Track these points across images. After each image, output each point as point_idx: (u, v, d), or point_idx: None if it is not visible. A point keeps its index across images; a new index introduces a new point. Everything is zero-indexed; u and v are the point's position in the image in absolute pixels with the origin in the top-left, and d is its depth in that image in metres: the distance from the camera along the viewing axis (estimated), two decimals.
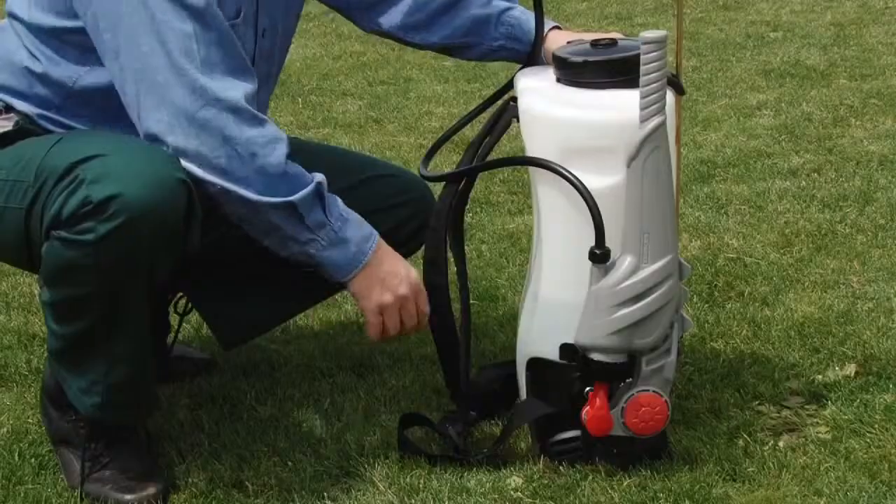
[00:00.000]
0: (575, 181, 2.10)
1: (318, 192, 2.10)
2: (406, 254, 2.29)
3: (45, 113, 2.20)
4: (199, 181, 2.05)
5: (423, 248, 2.30)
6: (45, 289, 2.09)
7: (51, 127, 2.20)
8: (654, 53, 2.02)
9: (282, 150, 2.07)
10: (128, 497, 2.18)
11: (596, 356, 2.16)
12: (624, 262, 2.12)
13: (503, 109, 2.27)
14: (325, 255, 2.12)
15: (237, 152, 2.04)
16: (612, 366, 2.16)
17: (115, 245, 1.99)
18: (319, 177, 2.11)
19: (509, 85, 2.33)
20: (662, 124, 2.07)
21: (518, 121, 2.23)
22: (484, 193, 3.69)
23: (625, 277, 2.12)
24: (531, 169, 2.23)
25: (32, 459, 2.29)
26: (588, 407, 2.17)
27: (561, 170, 2.12)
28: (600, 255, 2.11)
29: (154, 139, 2.05)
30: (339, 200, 2.14)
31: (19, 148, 2.15)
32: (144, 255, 2.03)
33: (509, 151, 3.85)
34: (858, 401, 2.44)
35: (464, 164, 2.30)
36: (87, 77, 2.17)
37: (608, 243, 2.11)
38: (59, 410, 2.25)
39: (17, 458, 2.29)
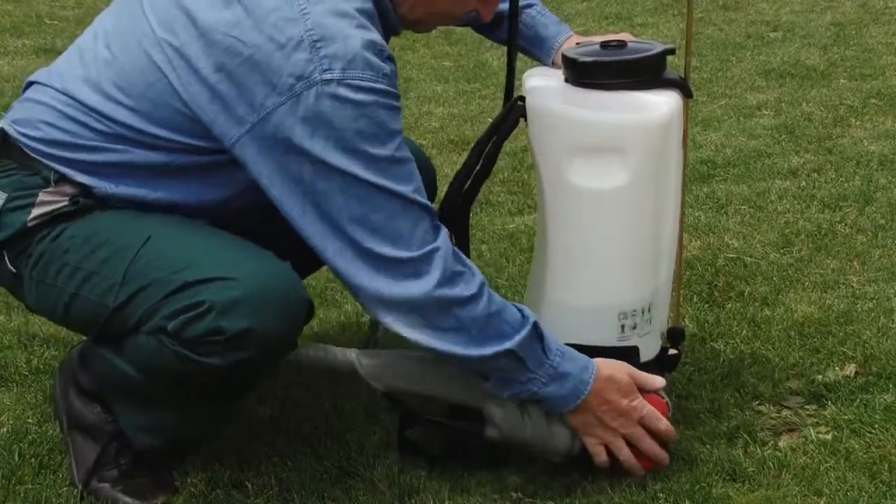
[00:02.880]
0: None
1: (535, 333, 2.05)
2: None
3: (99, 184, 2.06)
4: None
5: None
6: (132, 368, 2.04)
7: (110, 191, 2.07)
8: None
9: (484, 300, 2.02)
10: (136, 502, 2.16)
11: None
12: None
13: (511, 108, 2.26)
14: (546, 392, 2.09)
15: (462, 335, 2.02)
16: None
17: (240, 370, 1.97)
18: (532, 315, 2.07)
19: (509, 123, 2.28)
20: None
21: (525, 120, 2.23)
22: (484, 193, 3.68)
23: None
24: (536, 171, 2.23)
25: (32, 459, 2.29)
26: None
27: None
28: None
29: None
30: (550, 334, 2.09)
31: (92, 230, 2.04)
32: (262, 374, 2.06)
33: (508, 151, 3.85)
34: (858, 401, 2.43)
35: (470, 163, 2.29)
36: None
37: (611, 247, 2.11)
38: (85, 398, 2.21)
39: (17, 458, 2.28)
